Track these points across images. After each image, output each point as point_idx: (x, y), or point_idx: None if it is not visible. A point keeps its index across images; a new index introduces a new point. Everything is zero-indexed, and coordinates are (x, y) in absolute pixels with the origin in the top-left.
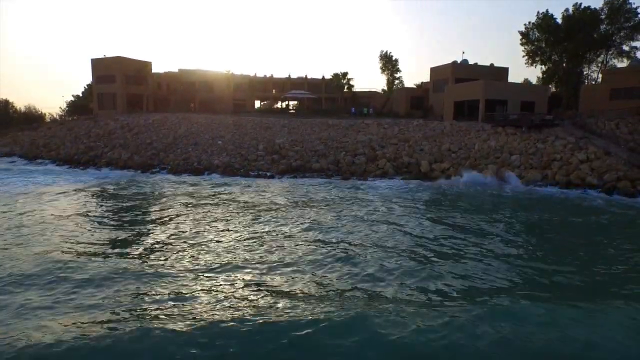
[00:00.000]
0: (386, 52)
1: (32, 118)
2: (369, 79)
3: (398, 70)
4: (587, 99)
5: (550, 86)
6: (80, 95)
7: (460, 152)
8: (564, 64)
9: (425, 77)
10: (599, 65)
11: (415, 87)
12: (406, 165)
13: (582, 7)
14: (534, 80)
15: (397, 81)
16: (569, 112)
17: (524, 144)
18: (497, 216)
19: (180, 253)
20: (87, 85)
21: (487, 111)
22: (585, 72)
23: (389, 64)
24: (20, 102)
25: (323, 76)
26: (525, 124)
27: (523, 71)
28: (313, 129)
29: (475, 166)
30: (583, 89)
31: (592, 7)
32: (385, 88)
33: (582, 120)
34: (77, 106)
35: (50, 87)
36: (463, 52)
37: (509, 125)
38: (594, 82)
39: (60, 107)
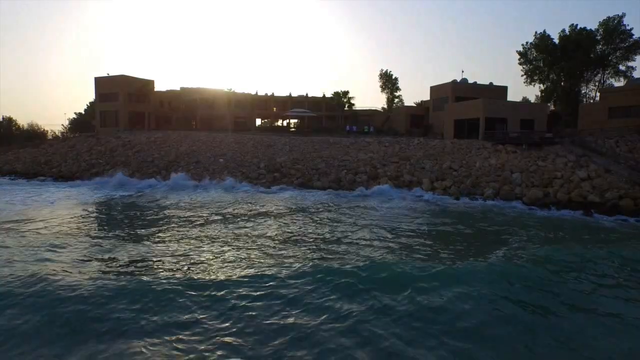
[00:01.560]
0: (386, 71)
1: (35, 135)
2: (368, 98)
3: (398, 88)
4: (586, 118)
5: (548, 104)
6: (83, 112)
7: (461, 171)
8: (562, 83)
9: (424, 96)
10: (597, 84)
11: (414, 105)
12: (407, 184)
13: (578, 28)
14: (532, 99)
15: (396, 99)
16: (568, 130)
17: (524, 162)
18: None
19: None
20: (90, 102)
21: (487, 129)
22: (583, 91)
23: (389, 82)
24: (23, 120)
25: (324, 94)
26: (526, 141)
27: (522, 90)
28: (314, 147)
29: (477, 185)
30: (581, 108)
31: (588, 28)
32: (385, 106)
33: (581, 139)
34: (79, 123)
35: (54, 104)
36: (462, 71)
37: (510, 143)
38: (592, 101)
39: (62, 124)
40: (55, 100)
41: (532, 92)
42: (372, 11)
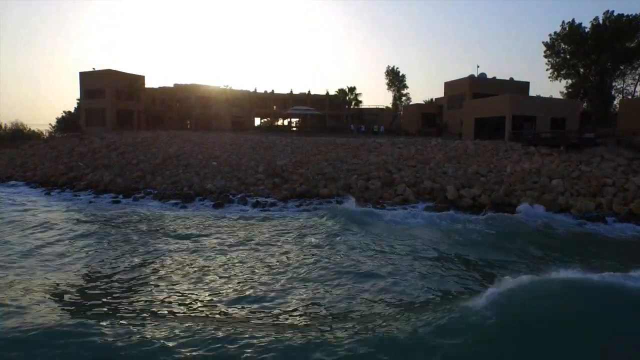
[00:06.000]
0: (393, 68)
1: (24, 135)
2: (371, 96)
3: (405, 86)
4: (628, 115)
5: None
6: (73, 111)
7: (490, 176)
8: (591, 77)
9: (432, 94)
10: (637, 77)
11: (424, 103)
12: (429, 191)
13: (616, 15)
14: (544, 95)
15: (404, 97)
16: (600, 129)
17: (563, 166)
18: None
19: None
20: (79, 99)
21: (512, 129)
22: (619, 86)
23: (395, 79)
24: (26, 121)
25: (327, 92)
26: (564, 143)
27: (536, 87)
28: (319, 149)
29: (510, 193)
30: (622, 104)
31: (627, 14)
32: (390, 105)
33: (629, 139)
34: (67, 122)
35: (51, 104)
36: (478, 66)
37: (542, 144)
38: (630, 97)
39: (49, 124)
40: (52, 100)
41: (550, 88)
42: (374, 5)
